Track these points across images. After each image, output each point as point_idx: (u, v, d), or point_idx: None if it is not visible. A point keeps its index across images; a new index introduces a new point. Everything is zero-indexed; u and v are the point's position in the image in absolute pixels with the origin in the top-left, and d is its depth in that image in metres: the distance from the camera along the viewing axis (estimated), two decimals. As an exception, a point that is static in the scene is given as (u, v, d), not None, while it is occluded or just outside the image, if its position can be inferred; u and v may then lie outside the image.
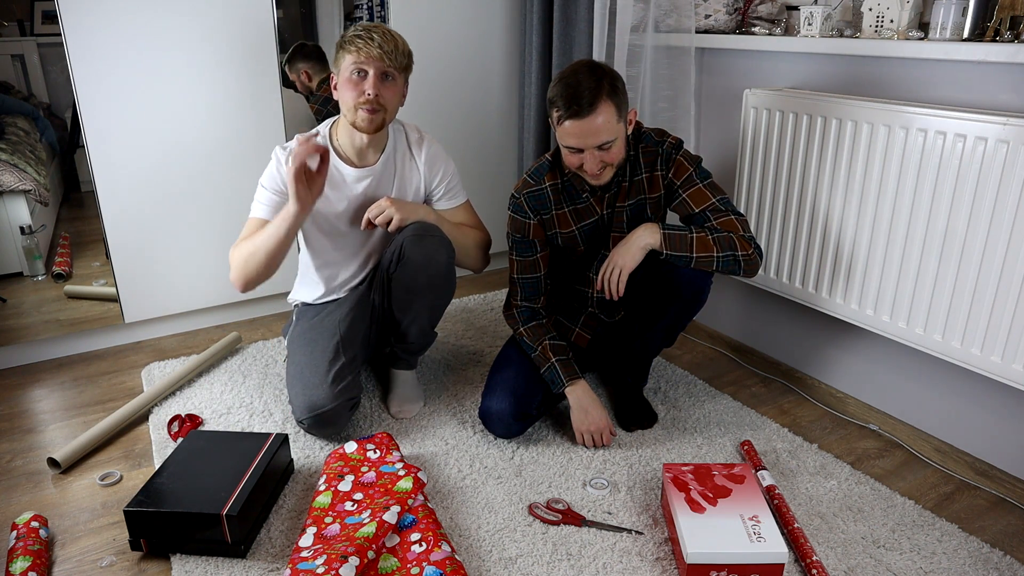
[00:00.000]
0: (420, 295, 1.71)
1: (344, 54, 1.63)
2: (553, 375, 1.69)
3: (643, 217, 1.68)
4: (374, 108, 1.63)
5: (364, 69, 1.61)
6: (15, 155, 1.97)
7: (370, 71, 1.61)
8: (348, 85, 1.63)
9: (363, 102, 1.63)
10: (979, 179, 1.44)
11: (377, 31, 1.62)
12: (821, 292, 1.79)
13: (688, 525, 1.30)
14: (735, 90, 2.02)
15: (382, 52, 1.60)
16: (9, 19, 1.92)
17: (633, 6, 2.02)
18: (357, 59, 1.61)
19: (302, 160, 1.50)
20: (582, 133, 1.48)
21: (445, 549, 1.32)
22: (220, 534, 1.35)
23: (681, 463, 1.48)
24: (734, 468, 1.46)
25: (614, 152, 1.53)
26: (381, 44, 1.60)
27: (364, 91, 1.62)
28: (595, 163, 1.52)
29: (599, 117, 1.47)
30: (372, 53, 1.60)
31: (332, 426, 1.68)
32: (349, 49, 1.62)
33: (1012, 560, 1.37)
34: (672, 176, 1.64)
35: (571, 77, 1.50)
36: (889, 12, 1.66)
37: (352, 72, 1.62)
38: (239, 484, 1.41)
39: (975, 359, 1.50)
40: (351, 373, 1.70)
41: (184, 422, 1.76)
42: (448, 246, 1.71)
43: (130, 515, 1.35)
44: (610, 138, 1.49)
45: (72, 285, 2.14)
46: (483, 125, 2.67)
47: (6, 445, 1.75)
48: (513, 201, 1.71)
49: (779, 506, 1.45)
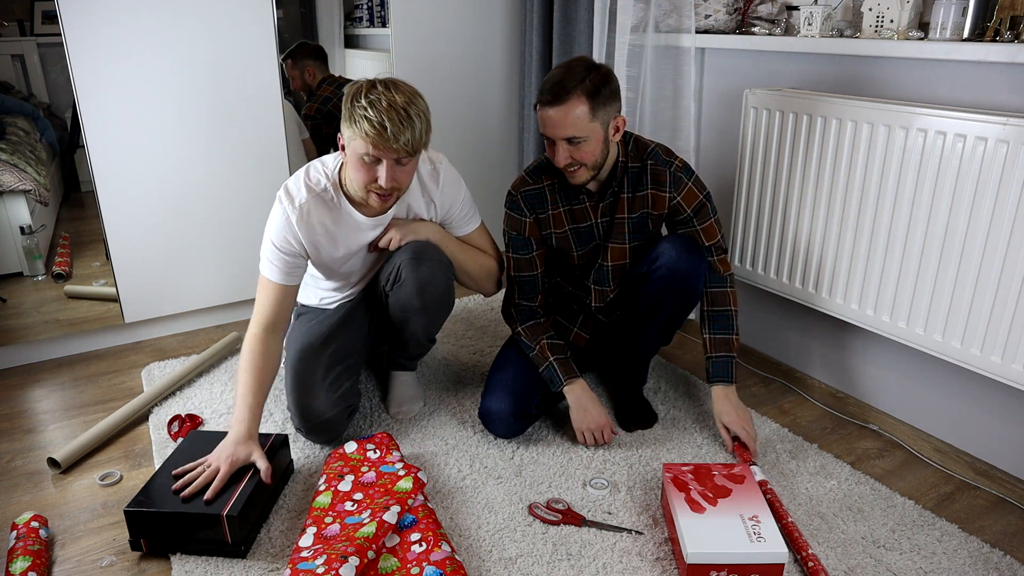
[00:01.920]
0: (416, 314, 1.69)
1: (353, 132, 1.46)
2: (551, 374, 1.69)
3: (645, 230, 1.68)
4: (387, 194, 1.53)
5: (377, 157, 1.47)
6: (15, 155, 1.97)
7: (384, 160, 1.47)
8: (359, 166, 1.49)
9: (376, 188, 1.51)
10: (979, 179, 1.44)
11: (392, 115, 1.42)
12: (821, 292, 1.79)
13: (688, 525, 1.30)
14: (735, 90, 2.02)
15: (398, 145, 1.44)
16: (9, 19, 1.92)
17: (633, 6, 2.02)
18: (368, 148, 1.45)
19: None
20: (550, 122, 1.51)
21: (445, 549, 1.32)
22: (220, 534, 1.34)
23: (681, 463, 1.48)
24: (734, 468, 1.46)
25: (585, 151, 1.52)
26: (397, 134, 1.42)
27: (376, 179, 1.49)
28: (564, 156, 1.53)
29: (570, 110, 1.48)
30: (388, 146, 1.44)
31: (330, 433, 1.67)
32: (359, 131, 1.44)
33: (1012, 560, 1.37)
34: (682, 200, 1.64)
35: (562, 67, 1.53)
36: (889, 12, 1.66)
37: (363, 156, 1.47)
38: (239, 485, 1.41)
39: (975, 359, 1.50)
40: (348, 380, 1.70)
41: (184, 422, 1.76)
42: (447, 267, 1.68)
43: (130, 515, 1.35)
44: (579, 134, 1.49)
45: (72, 285, 2.14)
46: (483, 125, 2.66)
47: (6, 445, 1.75)
48: (510, 198, 1.71)
49: (772, 501, 1.45)
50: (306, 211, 1.59)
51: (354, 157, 1.49)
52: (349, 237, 1.66)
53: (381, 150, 1.45)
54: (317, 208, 1.60)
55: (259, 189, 2.28)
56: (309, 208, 1.59)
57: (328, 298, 1.84)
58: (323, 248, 1.65)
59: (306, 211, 1.59)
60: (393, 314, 1.72)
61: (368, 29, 2.51)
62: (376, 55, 2.49)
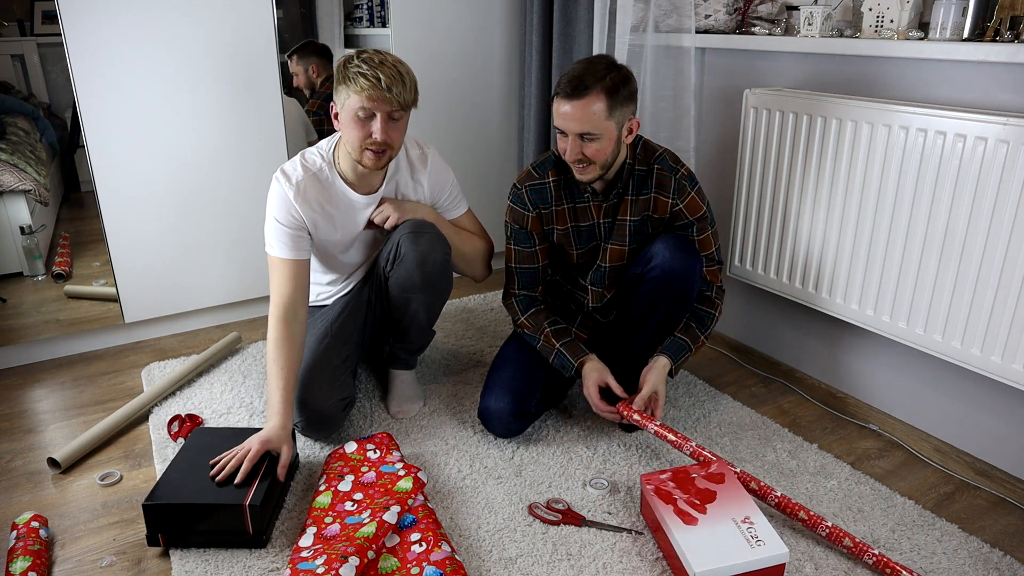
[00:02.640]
0: (417, 292, 1.71)
1: (348, 91, 1.55)
2: (562, 360, 1.68)
3: (645, 233, 1.69)
4: (381, 150, 1.59)
5: (372, 111, 1.55)
6: (15, 155, 1.97)
7: (378, 114, 1.55)
8: (353, 124, 1.57)
9: (370, 144, 1.57)
10: (979, 179, 1.44)
11: (384, 70, 1.53)
12: (821, 292, 1.79)
13: (686, 541, 1.27)
14: (735, 90, 2.02)
15: (391, 95, 1.53)
16: (9, 19, 1.92)
17: (633, 6, 2.02)
18: (364, 101, 1.53)
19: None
20: (566, 115, 1.52)
21: (445, 549, 1.32)
22: (242, 524, 1.35)
23: (659, 471, 1.44)
24: (711, 467, 1.45)
25: (596, 149, 1.53)
26: (390, 86, 1.52)
27: (371, 134, 1.56)
28: (574, 151, 1.53)
29: (587, 106, 1.49)
30: (382, 96, 1.53)
31: (326, 427, 1.68)
32: (354, 88, 1.53)
33: (1012, 560, 1.37)
34: (684, 208, 1.64)
35: (584, 62, 1.55)
36: (889, 12, 1.66)
37: (358, 112, 1.55)
38: (257, 474, 1.42)
39: (975, 359, 1.50)
40: (343, 373, 1.71)
41: (184, 422, 1.76)
42: (444, 243, 1.71)
43: (149, 509, 1.35)
44: (593, 131, 1.50)
45: (72, 285, 2.14)
46: (483, 125, 2.67)
47: (6, 445, 1.75)
48: (514, 191, 1.72)
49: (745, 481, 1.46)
50: (303, 188, 1.66)
51: (349, 116, 1.56)
52: (345, 217, 1.72)
53: (375, 102, 1.53)
54: (313, 186, 1.67)
55: (259, 189, 2.28)
56: (306, 185, 1.66)
57: (325, 293, 1.87)
58: (321, 227, 1.70)
59: (303, 188, 1.66)
60: (394, 296, 1.73)
61: (368, 29, 2.52)
62: (376, 55, 2.49)
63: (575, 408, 1.86)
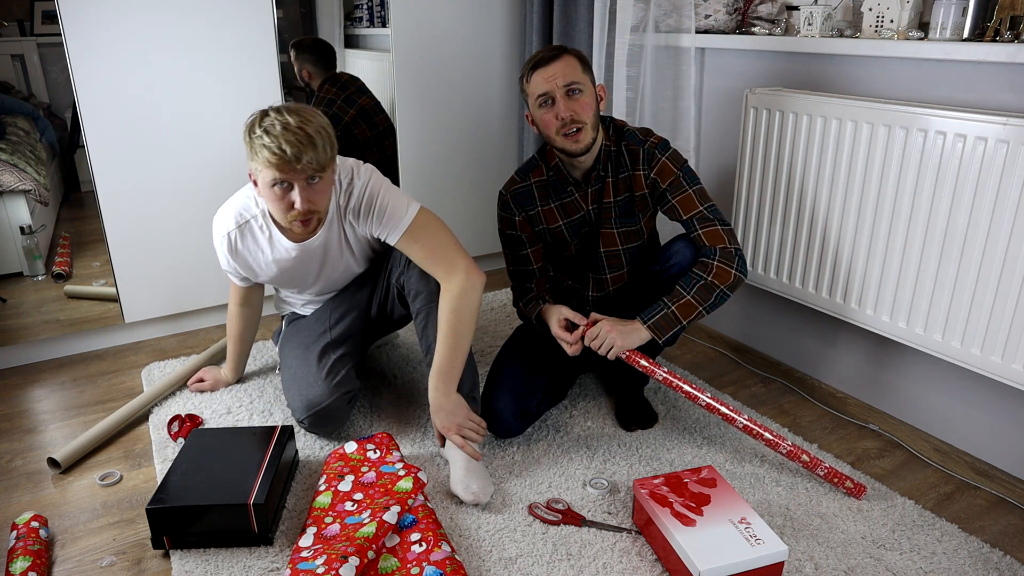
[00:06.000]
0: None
1: (258, 163, 1.44)
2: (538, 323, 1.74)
3: (633, 215, 1.68)
4: (307, 218, 1.50)
5: (287, 180, 1.44)
6: (15, 155, 1.97)
7: (295, 184, 1.45)
8: (272, 196, 1.47)
9: (295, 215, 1.49)
10: (979, 179, 1.44)
11: (288, 137, 1.39)
12: (821, 292, 1.79)
13: (687, 541, 1.27)
14: (735, 90, 2.02)
15: (302, 165, 1.41)
16: (9, 19, 1.92)
17: (633, 6, 2.02)
18: (275, 173, 1.43)
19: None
20: (549, 76, 1.54)
21: (445, 549, 1.32)
22: (247, 524, 1.36)
23: (651, 476, 1.44)
24: (701, 472, 1.45)
25: (583, 103, 1.55)
26: (298, 155, 1.40)
27: (292, 204, 1.47)
28: (566, 109, 1.54)
29: (565, 63, 1.55)
30: (291, 168, 1.41)
31: (332, 422, 1.68)
32: (262, 161, 1.42)
33: (1012, 560, 1.37)
34: (656, 176, 1.63)
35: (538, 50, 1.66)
36: (889, 12, 1.66)
37: (273, 185, 1.45)
38: (259, 474, 1.42)
39: (975, 359, 1.50)
40: (344, 367, 1.71)
41: (184, 422, 1.76)
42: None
43: (153, 512, 1.35)
44: (577, 80, 1.55)
45: (72, 285, 2.14)
46: (483, 125, 2.67)
47: (6, 445, 1.75)
48: (500, 199, 1.74)
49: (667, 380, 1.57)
50: (233, 239, 1.66)
51: (266, 188, 1.47)
52: (293, 262, 1.68)
53: (287, 173, 1.43)
54: (243, 238, 1.66)
55: (259, 189, 2.28)
56: (235, 238, 1.66)
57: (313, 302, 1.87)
58: (264, 271, 1.71)
59: (233, 239, 1.66)
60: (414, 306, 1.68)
61: (368, 29, 2.51)
62: (376, 55, 2.49)
63: (575, 408, 1.86)
